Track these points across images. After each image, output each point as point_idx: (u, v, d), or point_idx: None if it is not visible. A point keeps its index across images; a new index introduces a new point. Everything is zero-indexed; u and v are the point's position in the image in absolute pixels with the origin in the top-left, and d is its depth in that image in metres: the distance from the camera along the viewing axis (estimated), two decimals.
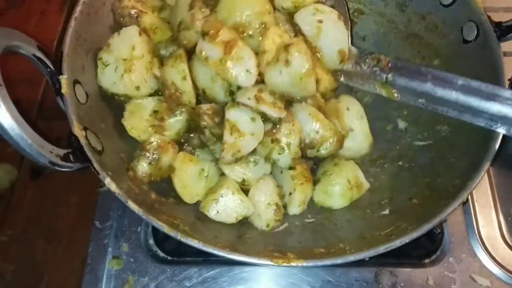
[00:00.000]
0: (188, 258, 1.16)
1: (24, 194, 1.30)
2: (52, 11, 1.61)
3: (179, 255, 1.16)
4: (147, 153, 1.02)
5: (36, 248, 1.23)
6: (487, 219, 1.20)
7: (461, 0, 1.10)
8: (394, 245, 0.86)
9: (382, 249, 0.85)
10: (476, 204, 1.22)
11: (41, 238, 1.25)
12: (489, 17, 1.05)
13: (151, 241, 1.17)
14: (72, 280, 1.18)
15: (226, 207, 1.01)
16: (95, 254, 1.16)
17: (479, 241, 1.17)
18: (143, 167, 1.02)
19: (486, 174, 1.19)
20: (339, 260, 0.84)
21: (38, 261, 1.22)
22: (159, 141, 1.04)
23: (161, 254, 1.16)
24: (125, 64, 1.05)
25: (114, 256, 1.15)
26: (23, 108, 1.38)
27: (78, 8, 1.02)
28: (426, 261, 1.15)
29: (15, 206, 1.29)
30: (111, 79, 1.05)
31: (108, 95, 1.07)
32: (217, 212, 1.01)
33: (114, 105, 1.08)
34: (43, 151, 0.81)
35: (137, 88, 1.07)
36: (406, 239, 0.86)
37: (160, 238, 1.17)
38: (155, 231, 1.18)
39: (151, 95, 1.10)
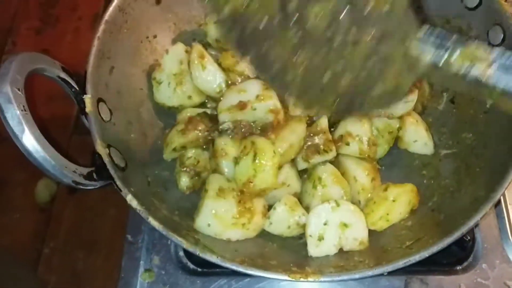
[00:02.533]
0: (217, 269, 1.15)
1: (63, 208, 1.35)
2: (85, 28, 1.67)
3: (209, 266, 1.16)
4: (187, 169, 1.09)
5: (77, 259, 1.28)
6: None
7: (487, 3, 1.06)
8: (414, 259, 0.84)
9: (401, 263, 0.84)
10: (509, 207, 1.16)
11: (81, 249, 1.29)
12: None
13: (181, 253, 1.18)
14: None
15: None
16: (128, 267, 1.18)
17: None
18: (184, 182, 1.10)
19: None
20: (357, 275, 0.84)
21: (78, 272, 1.26)
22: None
23: (191, 266, 1.17)
24: (176, 78, 1.15)
25: (146, 269, 1.17)
26: (60, 123, 1.45)
27: (101, 28, 1.05)
28: (458, 268, 1.12)
29: (56, 219, 1.34)
30: (165, 95, 1.16)
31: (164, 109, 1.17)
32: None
33: (137, 120, 1.12)
34: (66, 171, 0.84)
35: (189, 97, 1.16)
36: (426, 253, 0.85)
37: None
38: None
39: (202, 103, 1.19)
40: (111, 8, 1.08)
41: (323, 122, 1.08)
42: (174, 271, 1.16)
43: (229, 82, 1.12)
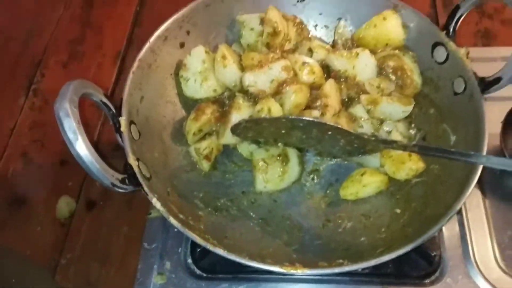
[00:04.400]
0: (220, 275, 1.33)
1: (81, 223, 1.47)
2: (107, 64, 1.83)
3: (213, 272, 1.34)
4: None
5: (92, 270, 1.39)
6: (482, 245, 1.32)
7: (453, 59, 1.29)
8: (383, 259, 1.02)
9: (373, 262, 1.02)
10: (472, 232, 1.34)
11: (96, 261, 1.40)
12: (475, 73, 1.24)
13: (189, 260, 1.35)
14: None
15: None
16: (143, 270, 1.34)
17: (475, 264, 1.29)
18: (206, 165, 1.37)
19: (482, 206, 1.38)
20: (336, 270, 1.02)
21: (93, 281, 1.37)
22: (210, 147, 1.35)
23: (197, 271, 1.33)
24: (201, 75, 1.37)
25: (159, 272, 1.33)
26: None
27: (136, 64, 1.26)
28: (427, 281, 1.29)
29: (74, 233, 1.45)
30: (193, 89, 1.39)
31: (192, 102, 1.41)
32: None
33: (160, 142, 1.33)
34: (107, 175, 1.02)
35: (214, 91, 1.40)
36: (393, 255, 1.03)
37: (197, 257, 1.35)
38: (193, 251, 1.36)
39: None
40: (144, 49, 1.29)
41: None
42: (183, 275, 1.33)
43: None
